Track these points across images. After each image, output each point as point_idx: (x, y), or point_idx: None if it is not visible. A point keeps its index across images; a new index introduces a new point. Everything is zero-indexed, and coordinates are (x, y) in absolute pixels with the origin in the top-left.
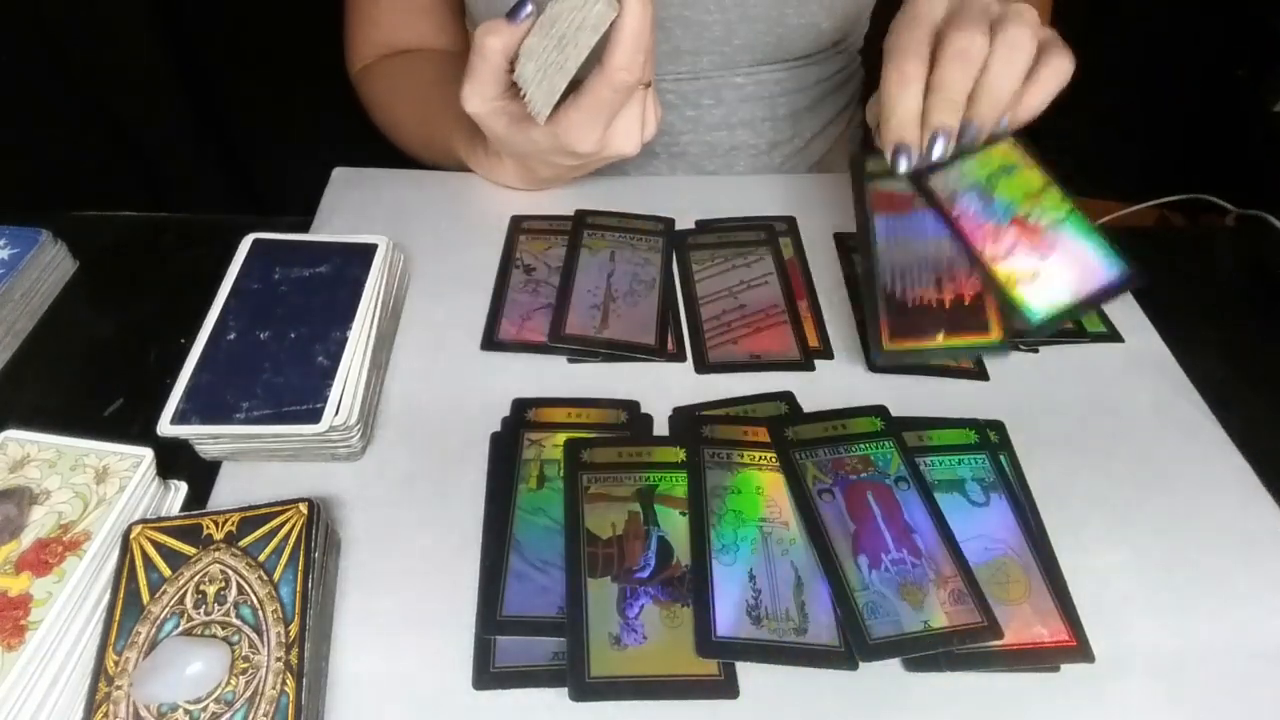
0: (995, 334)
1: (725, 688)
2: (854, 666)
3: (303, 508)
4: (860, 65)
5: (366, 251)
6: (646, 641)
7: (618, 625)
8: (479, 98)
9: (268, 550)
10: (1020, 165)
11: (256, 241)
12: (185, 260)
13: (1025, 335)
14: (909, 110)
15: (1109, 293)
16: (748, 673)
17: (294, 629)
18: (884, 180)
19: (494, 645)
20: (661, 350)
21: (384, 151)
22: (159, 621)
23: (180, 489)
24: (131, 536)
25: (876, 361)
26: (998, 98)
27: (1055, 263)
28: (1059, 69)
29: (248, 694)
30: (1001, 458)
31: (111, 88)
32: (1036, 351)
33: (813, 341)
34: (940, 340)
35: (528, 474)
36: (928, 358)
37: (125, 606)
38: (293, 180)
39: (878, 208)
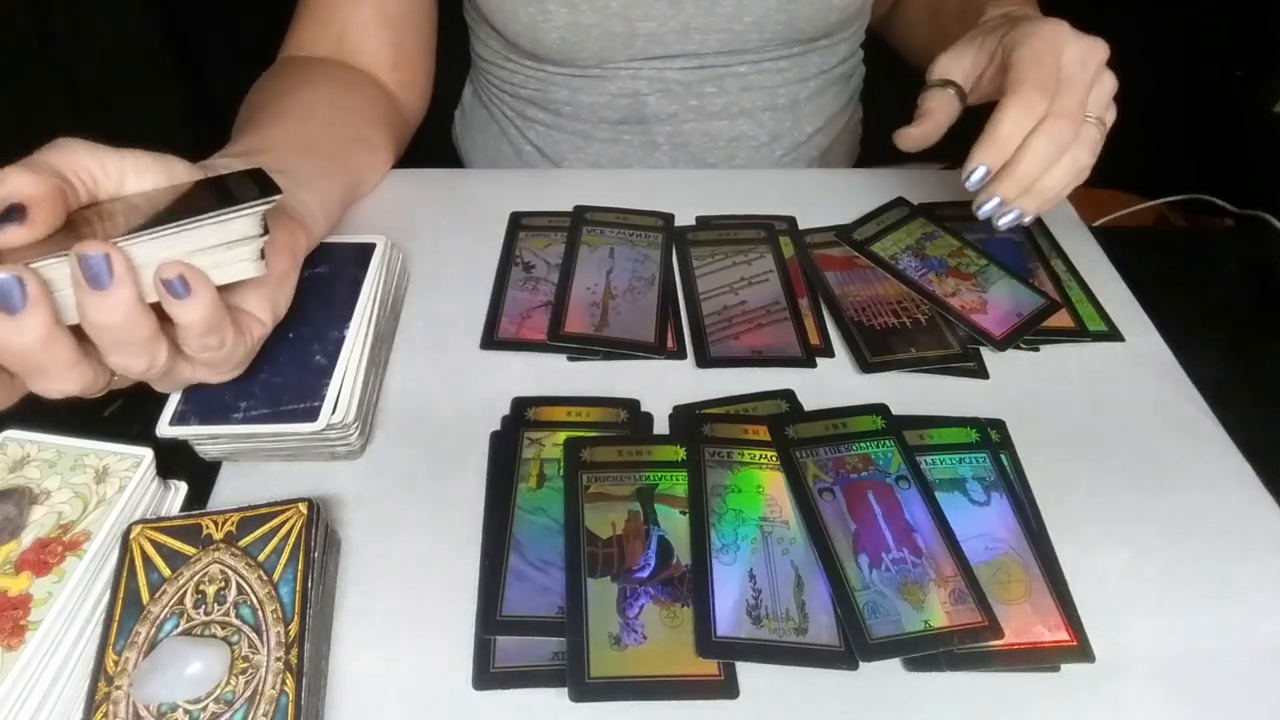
0: (955, 347)
1: (725, 688)
2: (854, 666)
3: (302, 507)
4: (862, 61)
5: (365, 251)
6: (646, 641)
7: (618, 625)
8: None
9: (267, 550)
10: (938, 232)
11: None
12: None
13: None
14: (1014, 140)
15: (1041, 315)
16: (748, 673)
17: (294, 629)
18: (821, 248)
19: (494, 645)
20: (661, 348)
21: None
22: (159, 621)
23: (180, 489)
24: (131, 536)
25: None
26: (1044, 199)
27: (993, 296)
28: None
29: (247, 694)
30: (1002, 457)
31: (111, 88)
32: (1037, 350)
33: (814, 339)
34: (914, 353)
35: (527, 473)
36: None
37: (125, 606)
38: None
39: (826, 267)
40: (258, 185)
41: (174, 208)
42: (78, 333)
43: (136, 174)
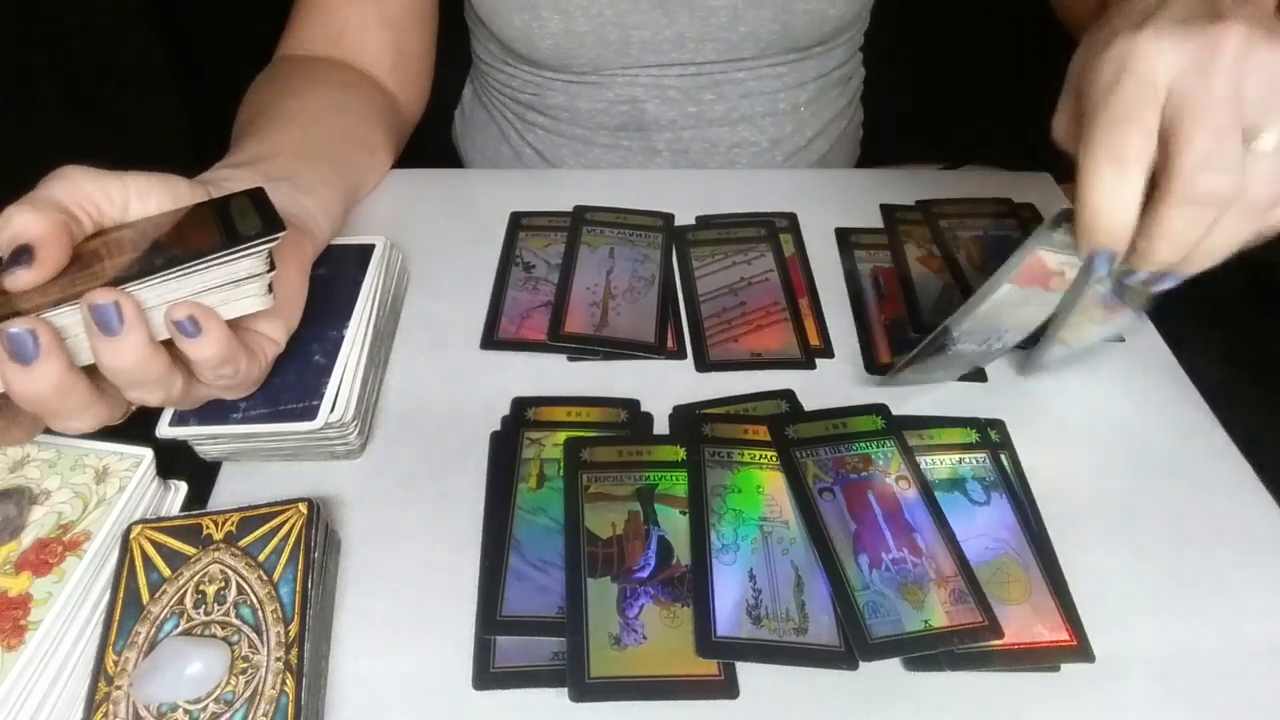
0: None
1: (725, 688)
2: (854, 666)
3: (302, 507)
4: (860, 64)
5: (364, 251)
6: (646, 641)
7: (618, 625)
8: None
9: (267, 550)
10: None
11: None
12: None
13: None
14: (1121, 212)
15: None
16: (748, 673)
17: (294, 629)
18: (1049, 249)
19: (494, 645)
20: (661, 348)
21: None
22: (159, 621)
23: (180, 489)
24: (131, 536)
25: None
26: (1208, 260)
27: None
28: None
29: (247, 694)
30: (1002, 457)
31: (111, 88)
32: None
33: (813, 340)
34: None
35: (527, 473)
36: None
37: (125, 606)
38: None
39: (1019, 279)
40: (260, 214)
41: (178, 235)
42: (94, 371)
43: (140, 198)
